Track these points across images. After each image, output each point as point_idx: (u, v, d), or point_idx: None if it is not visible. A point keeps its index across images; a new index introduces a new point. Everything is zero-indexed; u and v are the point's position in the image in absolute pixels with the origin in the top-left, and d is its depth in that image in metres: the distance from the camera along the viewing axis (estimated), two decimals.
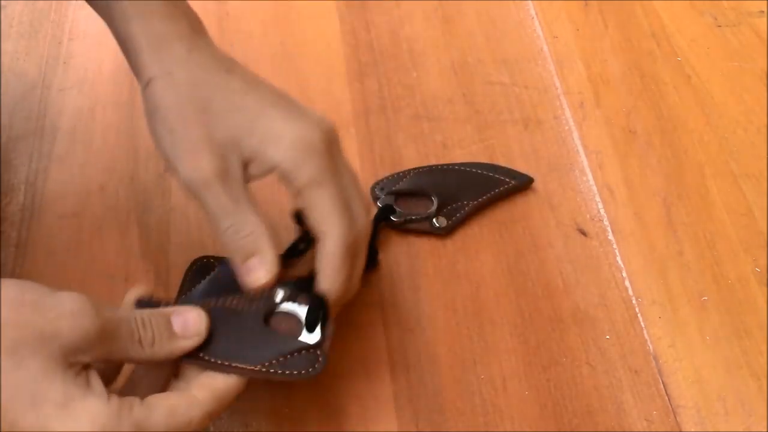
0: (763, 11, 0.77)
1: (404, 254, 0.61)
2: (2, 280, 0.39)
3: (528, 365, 0.55)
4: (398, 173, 0.64)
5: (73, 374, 0.38)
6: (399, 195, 0.63)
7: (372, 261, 0.58)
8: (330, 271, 0.47)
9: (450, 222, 0.61)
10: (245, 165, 0.46)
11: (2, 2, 0.77)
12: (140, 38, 0.47)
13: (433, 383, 0.54)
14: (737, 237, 0.62)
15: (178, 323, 0.43)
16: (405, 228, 0.61)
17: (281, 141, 0.45)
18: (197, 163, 0.45)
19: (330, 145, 0.46)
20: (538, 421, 0.53)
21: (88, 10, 0.54)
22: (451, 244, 0.61)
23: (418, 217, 0.61)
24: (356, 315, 0.57)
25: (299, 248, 0.51)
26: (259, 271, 0.46)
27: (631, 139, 0.68)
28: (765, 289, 0.59)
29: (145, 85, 0.46)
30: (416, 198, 0.63)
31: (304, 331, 0.47)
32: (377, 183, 0.63)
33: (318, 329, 0.46)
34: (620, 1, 0.78)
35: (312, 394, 0.53)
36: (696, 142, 0.68)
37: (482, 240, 0.61)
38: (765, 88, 0.71)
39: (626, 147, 0.67)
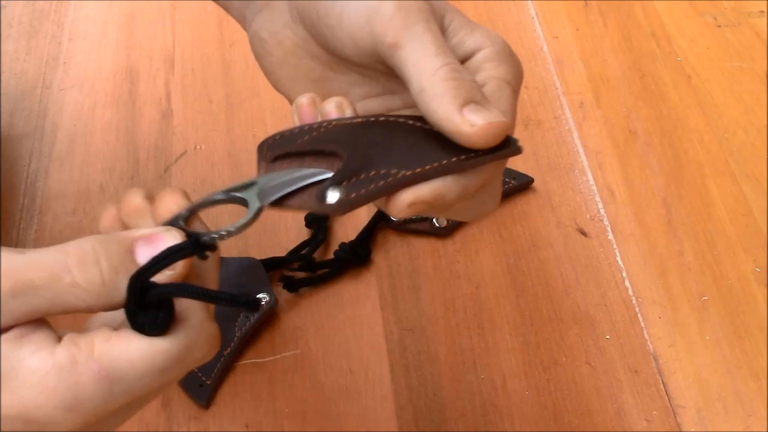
0: (763, 11, 0.77)
1: (404, 254, 0.61)
2: None
3: (528, 365, 0.55)
4: None
5: None
6: None
7: (365, 259, 0.59)
8: (501, 93, 0.37)
9: (450, 222, 0.61)
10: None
11: (2, 2, 0.77)
12: None
13: (433, 383, 0.54)
14: (737, 237, 0.62)
15: (143, 252, 0.32)
16: (405, 228, 0.61)
17: (490, 34, 0.38)
18: (408, 5, 0.36)
19: (522, 74, 0.40)
20: (538, 421, 0.53)
21: (88, 10, 0.54)
22: (451, 244, 0.61)
23: (417, 216, 0.61)
24: (356, 315, 0.57)
25: (306, 251, 0.48)
26: (481, 114, 0.34)
27: (631, 139, 0.68)
28: (765, 289, 0.59)
29: None
30: None
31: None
32: None
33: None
34: (620, 1, 0.78)
35: (312, 394, 0.54)
36: (696, 142, 0.68)
37: (482, 240, 0.61)
38: (765, 88, 0.71)
39: (626, 147, 0.67)
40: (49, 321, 0.32)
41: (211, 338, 0.32)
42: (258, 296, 0.57)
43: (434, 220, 0.61)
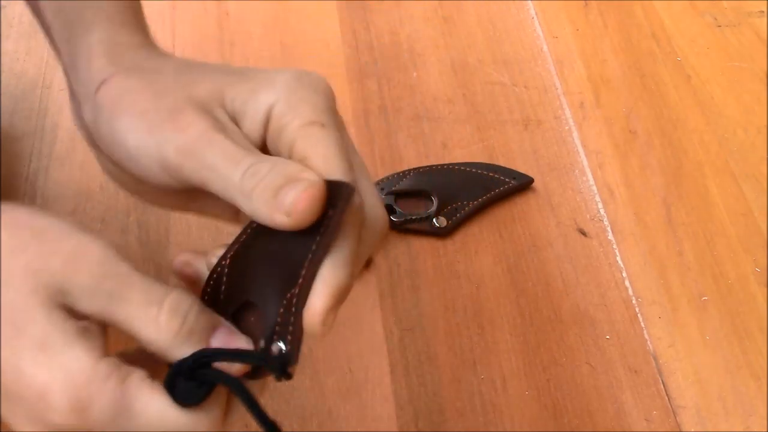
0: (763, 11, 0.77)
1: (404, 254, 0.61)
2: (15, 206, 0.35)
3: (528, 365, 0.55)
4: (398, 173, 0.64)
5: (61, 318, 0.32)
6: (399, 195, 0.63)
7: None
8: (339, 245, 0.36)
9: (450, 222, 0.61)
10: (237, 124, 0.37)
11: (2, 2, 0.77)
12: (97, 46, 0.39)
13: (433, 383, 0.54)
14: (737, 237, 0.62)
15: (219, 340, 0.34)
16: (405, 228, 0.61)
17: (275, 82, 0.37)
18: (183, 123, 0.36)
19: (330, 94, 0.38)
20: (538, 421, 0.53)
21: None
22: (451, 244, 0.61)
23: (418, 217, 0.61)
24: (356, 315, 0.57)
25: None
26: (293, 190, 0.33)
27: (631, 139, 0.68)
28: (765, 289, 0.59)
29: (98, 86, 0.39)
30: (416, 198, 0.63)
31: None
32: (377, 183, 0.63)
33: None
34: (620, 1, 0.78)
35: (312, 394, 0.54)
36: (696, 142, 0.68)
37: (482, 240, 0.61)
38: (765, 88, 0.71)
39: (626, 147, 0.67)
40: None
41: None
42: None
43: (434, 220, 0.61)
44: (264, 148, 0.37)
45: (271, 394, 0.53)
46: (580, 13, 0.77)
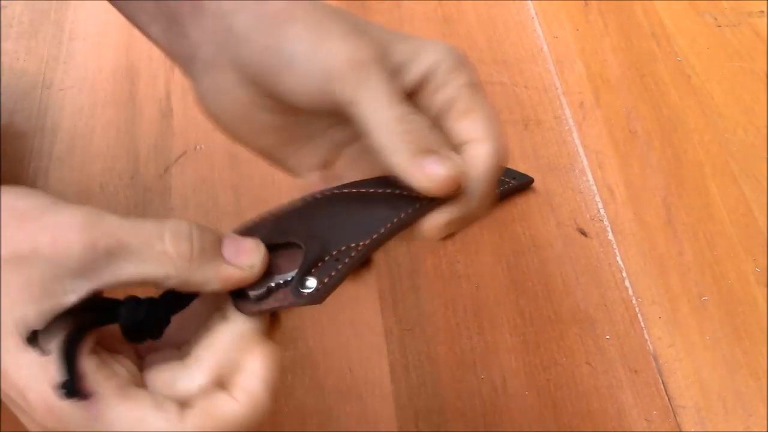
0: (763, 11, 0.77)
1: (404, 254, 0.61)
2: (6, 188, 0.33)
3: (528, 365, 0.55)
4: None
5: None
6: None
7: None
8: (482, 182, 0.37)
9: None
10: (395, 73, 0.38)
11: (2, 2, 0.77)
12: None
13: (433, 383, 0.54)
14: (737, 237, 0.62)
15: (229, 248, 0.34)
16: None
17: (437, 45, 0.38)
18: (358, 44, 0.36)
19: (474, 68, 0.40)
20: (538, 421, 0.53)
21: (88, 10, 0.54)
22: (451, 244, 0.61)
23: None
24: (356, 315, 0.57)
25: None
26: (437, 166, 0.35)
27: (631, 139, 0.68)
28: (765, 289, 0.59)
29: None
30: None
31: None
32: None
33: None
34: (620, 1, 0.78)
35: (312, 394, 0.54)
36: (696, 142, 0.68)
37: (482, 240, 0.61)
38: (765, 88, 0.71)
39: (626, 147, 0.67)
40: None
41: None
42: None
43: None
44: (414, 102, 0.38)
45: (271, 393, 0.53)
46: (580, 13, 0.77)
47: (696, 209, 0.63)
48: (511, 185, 0.64)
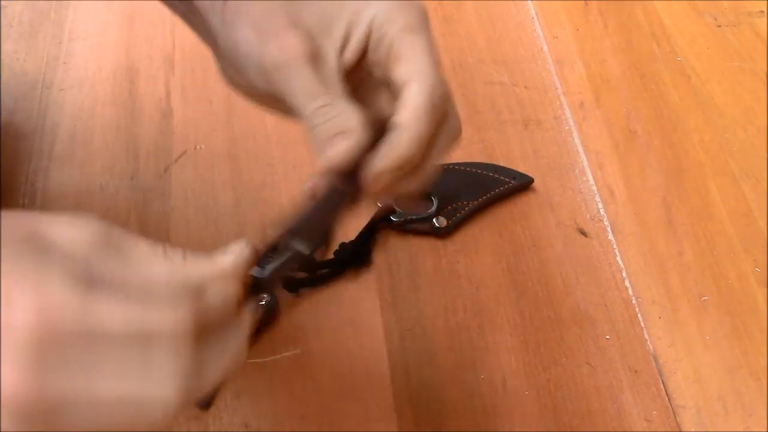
0: (763, 11, 0.77)
1: (404, 254, 0.61)
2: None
3: (528, 365, 0.55)
4: None
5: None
6: (399, 195, 0.62)
7: (365, 259, 0.58)
8: (413, 122, 0.40)
9: (450, 222, 0.61)
10: (341, 48, 0.42)
11: (2, 2, 0.77)
12: None
13: (433, 383, 0.54)
14: (737, 237, 0.62)
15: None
16: (405, 228, 0.61)
17: (377, 1, 0.42)
18: (284, 44, 0.41)
19: (422, 8, 0.42)
20: (538, 421, 0.53)
21: (88, 10, 0.54)
22: (451, 244, 0.61)
23: (418, 217, 0.61)
24: (356, 315, 0.57)
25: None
26: (341, 143, 0.40)
27: (631, 139, 0.68)
28: (765, 289, 0.59)
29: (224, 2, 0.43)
30: (416, 198, 0.63)
31: None
32: None
33: None
34: (620, 1, 0.78)
35: (312, 394, 0.54)
36: (696, 142, 0.68)
37: (482, 240, 0.61)
38: (765, 88, 0.71)
39: (626, 147, 0.67)
40: None
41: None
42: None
43: (434, 220, 0.61)
44: (368, 61, 0.42)
45: (272, 394, 0.53)
46: (580, 13, 0.77)
47: (696, 209, 0.63)
48: (511, 185, 0.64)
